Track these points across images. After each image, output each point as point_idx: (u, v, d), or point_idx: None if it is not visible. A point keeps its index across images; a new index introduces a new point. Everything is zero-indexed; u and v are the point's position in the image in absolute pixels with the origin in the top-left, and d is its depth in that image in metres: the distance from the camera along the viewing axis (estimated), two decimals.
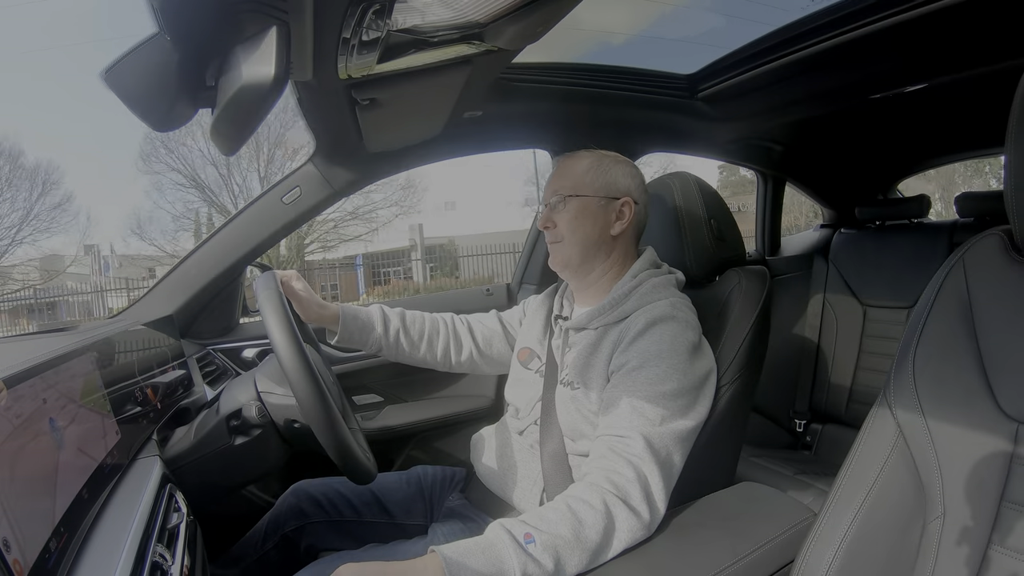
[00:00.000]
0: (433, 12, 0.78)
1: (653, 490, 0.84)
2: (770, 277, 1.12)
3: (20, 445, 0.57)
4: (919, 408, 0.70)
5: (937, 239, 2.10)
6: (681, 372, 0.92)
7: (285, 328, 0.88)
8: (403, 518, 1.22)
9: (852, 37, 1.24)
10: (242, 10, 0.58)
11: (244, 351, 1.60)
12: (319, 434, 0.85)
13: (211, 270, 1.49)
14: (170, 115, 0.66)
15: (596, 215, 1.07)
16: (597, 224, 1.07)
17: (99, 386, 0.83)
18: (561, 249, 1.09)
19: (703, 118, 1.78)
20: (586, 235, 1.07)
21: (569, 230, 1.07)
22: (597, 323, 1.04)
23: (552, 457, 1.02)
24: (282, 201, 1.50)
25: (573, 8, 0.83)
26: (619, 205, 1.08)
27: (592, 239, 1.08)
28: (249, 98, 0.60)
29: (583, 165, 1.10)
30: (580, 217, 1.07)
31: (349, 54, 0.81)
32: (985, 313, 0.69)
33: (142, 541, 0.67)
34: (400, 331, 1.25)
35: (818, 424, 2.25)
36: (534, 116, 1.61)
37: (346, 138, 1.32)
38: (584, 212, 1.07)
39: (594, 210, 1.07)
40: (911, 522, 0.69)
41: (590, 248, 1.08)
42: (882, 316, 2.15)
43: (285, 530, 1.18)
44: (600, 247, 1.09)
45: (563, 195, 1.08)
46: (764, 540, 0.83)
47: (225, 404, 1.01)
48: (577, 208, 1.07)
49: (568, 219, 1.07)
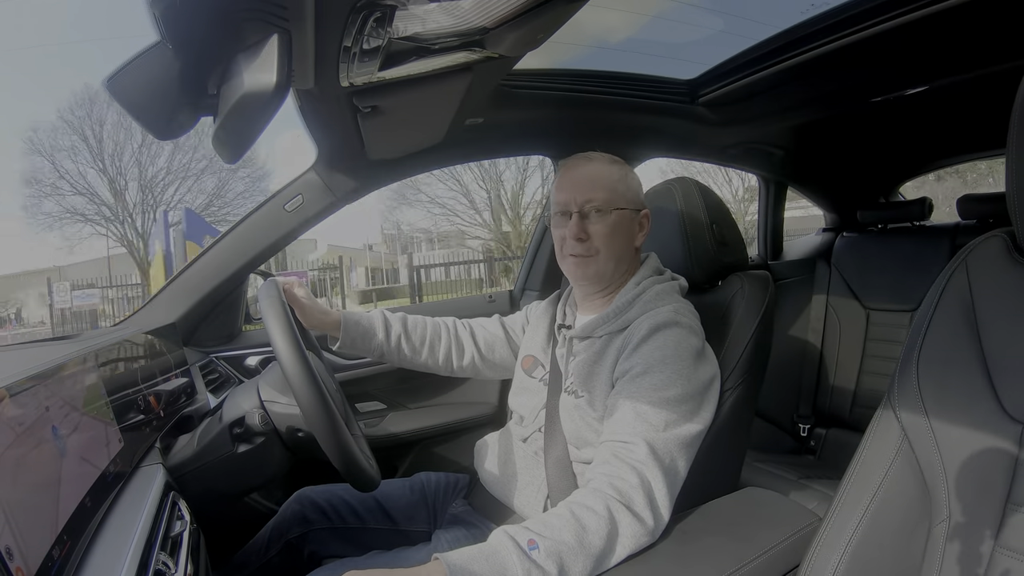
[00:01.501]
0: (434, 19, 0.79)
1: (657, 496, 0.84)
2: (773, 281, 1.12)
3: (23, 453, 0.57)
4: (923, 411, 0.70)
5: (939, 242, 2.10)
6: (685, 378, 0.92)
7: (288, 336, 0.88)
8: (407, 525, 1.22)
9: (852, 40, 1.24)
10: (244, 18, 0.58)
11: (247, 359, 1.60)
12: (322, 442, 0.85)
13: (213, 278, 1.49)
14: (172, 123, 0.67)
15: (629, 228, 1.06)
16: (629, 237, 1.06)
17: (102, 394, 0.83)
18: (595, 263, 1.05)
19: (704, 123, 1.78)
20: (622, 249, 1.05)
21: (606, 244, 1.03)
22: (601, 331, 1.04)
23: (556, 464, 1.01)
24: (284, 209, 1.51)
25: (574, 15, 0.83)
26: (641, 216, 1.07)
27: (625, 253, 1.06)
28: (251, 106, 0.60)
29: (614, 173, 1.06)
30: (618, 230, 1.04)
31: (350, 62, 0.82)
32: (988, 315, 0.69)
33: (145, 549, 0.67)
34: (402, 336, 1.25)
35: (822, 428, 2.24)
36: (535, 123, 1.61)
37: (348, 146, 1.32)
38: (621, 225, 1.04)
39: (628, 223, 1.05)
40: (916, 525, 0.68)
41: (621, 262, 1.06)
42: (885, 319, 2.15)
43: (289, 537, 1.18)
44: (625, 259, 1.07)
45: (607, 208, 1.03)
46: (769, 545, 0.82)
47: (228, 412, 1.01)
48: (616, 221, 1.03)
49: (607, 232, 1.03)
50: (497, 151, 1.78)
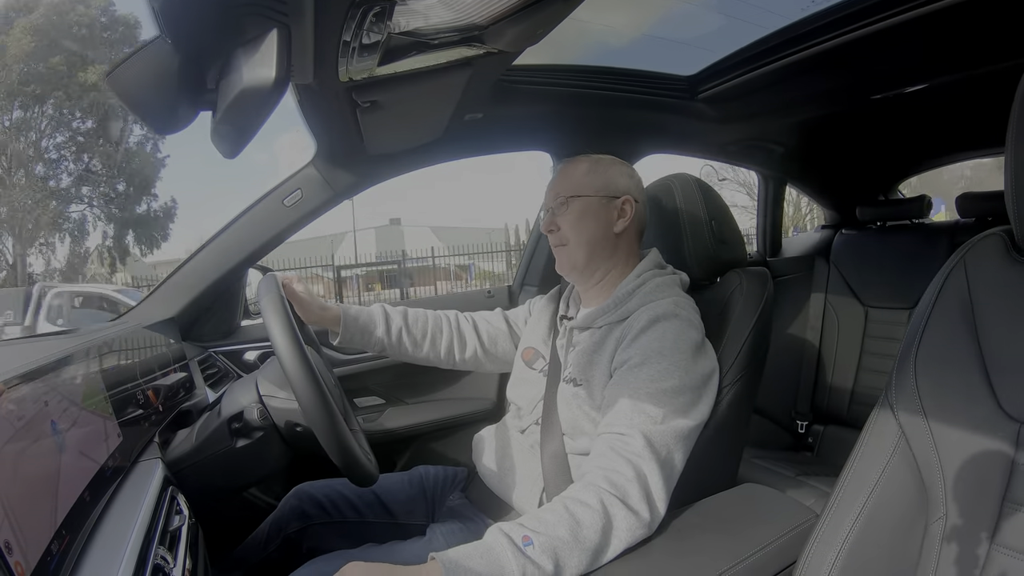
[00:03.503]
0: (433, 14, 0.78)
1: (652, 489, 0.84)
2: (771, 278, 1.12)
3: (22, 447, 0.57)
4: (921, 409, 0.70)
5: (938, 240, 2.10)
6: (683, 370, 0.92)
7: (287, 331, 0.88)
8: (405, 518, 1.22)
9: (852, 38, 1.24)
10: (243, 13, 0.58)
11: (245, 354, 1.60)
12: (321, 437, 0.85)
13: (212, 273, 1.49)
14: (172, 118, 0.66)
15: (598, 214, 1.08)
16: (600, 223, 1.08)
17: (101, 388, 0.84)
18: (566, 252, 1.10)
19: (703, 119, 1.78)
20: (591, 235, 1.08)
21: (574, 232, 1.08)
22: (601, 321, 1.04)
23: (553, 457, 1.02)
24: (283, 204, 1.50)
25: (573, 10, 0.83)
26: (620, 203, 1.09)
27: (597, 239, 1.08)
28: (250, 100, 0.60)
29: (581, 168, 1.11)
30: (583, 218, 1.07)
31: (350, 56, 0.81)
32: (986, 313, 0.69)
33: (144, 544, 0.67)
34: (403, 330, 1.25)
35: (820, 425, 2.24)
36: (535, 118, 1.61)
37: (347, 140, 1.32)
38: (587, 212, 1.07)
39: (596, 209, 1.08)
40: (913, 523, 0.69)
41: (595, 248, 1.08)
42: (883, 317, 2.15)
43: (287, 532, 1.18)
44: (604, 246, 1.09)
45: (565, 196, 1.08)
46: (765, 542, 0.82)
47: (227, 406, 1.01)
48: (580, 209, 1.07)
49: (572, 221, 1.08)
50: (496, 147, 1.78)
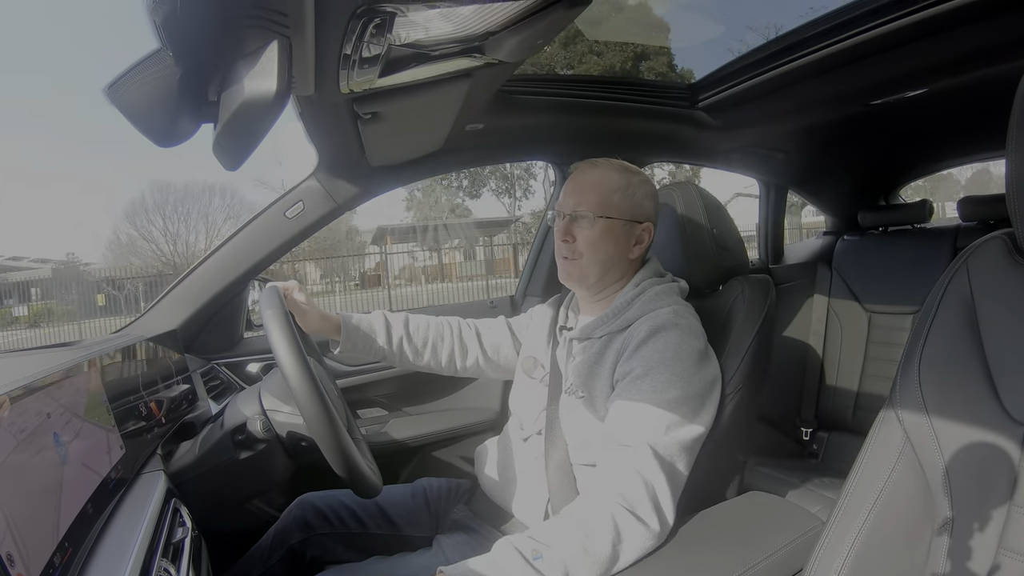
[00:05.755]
0: (434, 26, 0.79)
1: (661, 499, 0.84)
2: (773, 285, 1.12)
3: (24, 460, 0.57)
4: (926, 413, 0.70)
5: (940, 244, 2.10)
6: (685, 379, 0.92)
7: (289, 343, 0.88)
8: (408, 530, 1.21)
9: (852, 43, 1.24)
10: (244, 25, 0.59)
11: (248, 365, 1.60)
12: (324, 449, 0.85)
13: (214, 284, 1.49)
14: (173, 130, 0.67)
15: (619, 237, 1.05)
16: (619, 247, 1.06)
17: (103, 400, 0.84)
18: (578, 266, 1.07)
19: (704, 127, 1.79)
20: (607, 256, 1.05)
21: (591, 249, 1.05)
22: (600, 331, 1.04)
23: (557, 468, 1.01)
24: (285, 216, 1.51)
25: (572, 21, 0.84)
26: (640, 230, 1.07)
27: (612, 260, 1.06)
28: (251, 113, 0.60)
29: (612, 182, 1.06)
30: (604, 238, 1.04)
31: (350, 68, 0.82)
32: (989, 317, 0.69)
33: (146, 556, 0.67)
34: (403, 339, 1.24)
35: (824, 432, 2.23)
36: (535, 128, 1.62)
37: (348, 152, 1.32)
38: (608, 233, 1.04)
39: (618, 232, 1.05)
40: (920, 528, 0.68)
41: (608, 269, 1.07)
42: (887, 322, 2.14)
43: (291, 543, 1.17)
44: (617, 268, 1.08)
45: (592, 214, 1.04)
46: (772, 549, 0.82)
47: (230, 418, 1.01)
48: (603, 229, 1.04)
49: (592, 238, 1.04)
50: (497, 157, 1.79)
